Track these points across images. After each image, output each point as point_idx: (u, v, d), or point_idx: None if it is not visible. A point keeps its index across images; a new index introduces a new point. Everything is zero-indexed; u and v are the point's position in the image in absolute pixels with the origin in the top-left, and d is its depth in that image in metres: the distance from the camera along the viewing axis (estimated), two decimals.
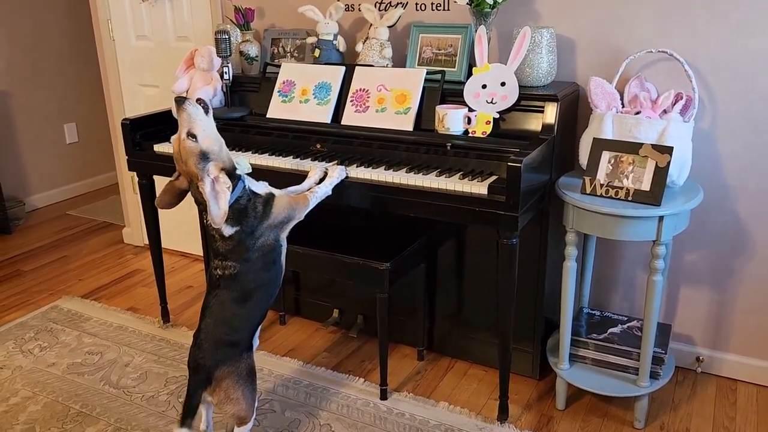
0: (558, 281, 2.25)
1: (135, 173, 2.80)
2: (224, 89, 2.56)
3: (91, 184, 4.79)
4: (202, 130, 1.70)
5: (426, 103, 2.24)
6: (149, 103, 3.33)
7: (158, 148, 2.49)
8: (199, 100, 1.76)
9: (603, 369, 2.17)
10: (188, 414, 1.78)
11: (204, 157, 1.69)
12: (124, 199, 3.70)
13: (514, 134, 2.11)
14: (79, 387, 2.38)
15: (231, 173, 1.75)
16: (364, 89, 2.32)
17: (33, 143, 4.34)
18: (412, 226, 2.34)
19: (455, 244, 2.38)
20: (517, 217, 1.83)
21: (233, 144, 2.43)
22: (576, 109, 2.32)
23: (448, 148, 2.09)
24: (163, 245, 2.75)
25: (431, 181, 1.97)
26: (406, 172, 2.06)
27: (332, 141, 2.31)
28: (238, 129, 2.50)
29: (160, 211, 2.53)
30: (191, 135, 1.69)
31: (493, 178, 1.97)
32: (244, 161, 1.85)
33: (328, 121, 2.35)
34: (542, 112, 2.08)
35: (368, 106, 2.29)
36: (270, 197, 1.85)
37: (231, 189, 1.71)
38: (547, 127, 2.05)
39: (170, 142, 2.55)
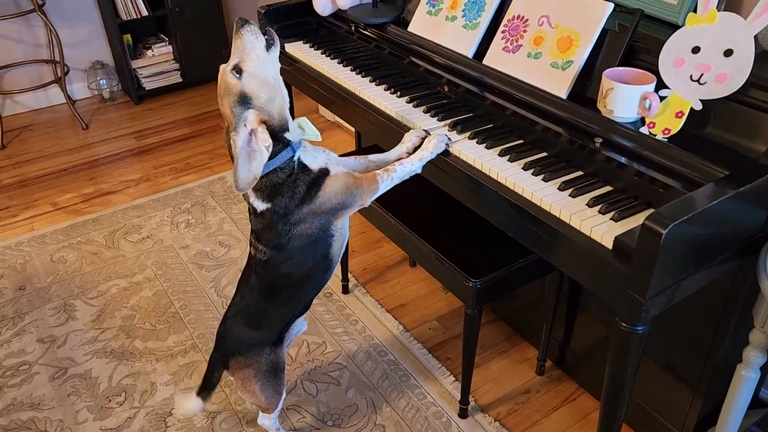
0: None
1: None
2: None
3: None
4: (253, 67, 1.30)
5: (603, 56, 1.46)
6: None
7: (290, 49, 2.13)
8: (267, 31, 1.34)
9: None
10: (205, 386, 1.62)
11: (244, 100, 1.30)
12: None
13: (716, 144, 1.28)
14: (191, 282, 2.38)
15: (277, 134, 1.34)
16: (522, 17, 1.60)
17: None
18: None
19: None
20: (643, 303, 1.12)
21: (362, 62, 1.95)
22: None
23: (597, 146, 1.36)
24: None
25: (542, 193, 1.31)
26: (524, 168, 1.40)
27: (463, 88, 1.68)
28: (374, 41, 1.99)
29: None
30: (237, 69, 1.30)
31: (647, 213, 1.23)
32: (310, 126, 1.43)
33: (469, 55, 1.71)
34: None
35: (521, 45, 1.59)
36: (322, 175, 1.40)
37: (270, 151, 1.31)
38: None
39: (303, 42, 2.18)
